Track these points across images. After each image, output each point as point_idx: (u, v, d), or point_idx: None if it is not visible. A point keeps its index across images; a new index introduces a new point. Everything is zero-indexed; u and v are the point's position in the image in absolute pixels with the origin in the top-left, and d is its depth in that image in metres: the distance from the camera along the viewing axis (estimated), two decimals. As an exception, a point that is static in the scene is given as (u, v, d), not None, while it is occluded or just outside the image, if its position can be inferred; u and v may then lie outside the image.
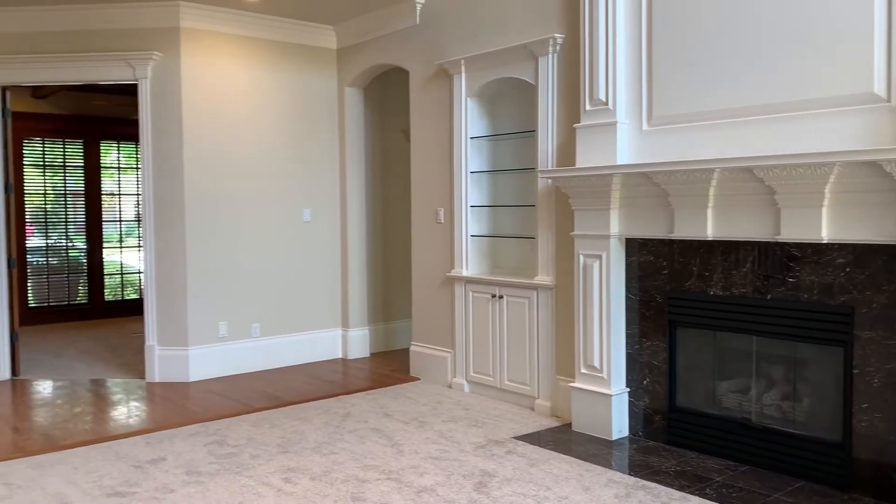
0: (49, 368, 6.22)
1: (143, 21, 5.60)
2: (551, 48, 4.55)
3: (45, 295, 8.68)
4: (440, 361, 5.48)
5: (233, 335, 5.94)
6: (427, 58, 5.54)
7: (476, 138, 5.22)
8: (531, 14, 4.74)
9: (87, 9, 5.58)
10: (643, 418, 4.19)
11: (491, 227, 5.33)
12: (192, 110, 5.68)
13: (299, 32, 6.19)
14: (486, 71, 5.02)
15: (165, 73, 5.64)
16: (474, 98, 5.19)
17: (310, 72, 6.30)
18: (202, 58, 5.72)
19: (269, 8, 5.74)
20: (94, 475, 3.67)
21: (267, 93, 6.07)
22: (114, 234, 9.18)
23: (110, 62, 5.63)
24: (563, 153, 4.56)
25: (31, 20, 5.62)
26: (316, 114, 6.37)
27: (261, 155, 6.06)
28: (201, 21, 5.68)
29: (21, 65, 5.65)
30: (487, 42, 5.04)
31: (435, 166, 5.52)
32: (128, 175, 9.27)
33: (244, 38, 5.92)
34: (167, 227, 5.69)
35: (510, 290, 4.87)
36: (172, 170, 5.66)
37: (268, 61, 6.06)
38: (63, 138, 8.76)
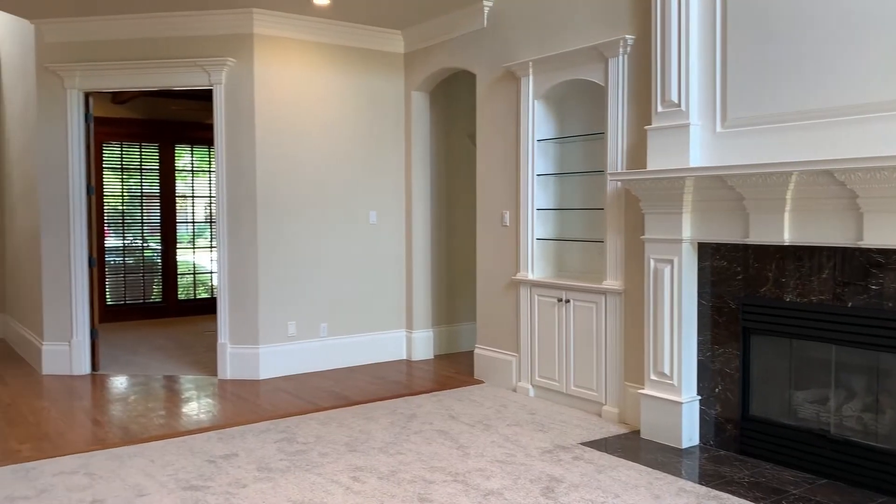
0: (126, 364, 6.45)
1: (218, 28, 5.76)
2: (621, 49, 4.50)
3: (121, 293, 9.01)
4: (505, 365, 5.47)
5: (301, 334, 6.05)
6: (494, 61, 5.54)
7: (543, 141, 5.19)
8: (600, 16, 4.69)
9: (165, 17, 5.77)
10: (714, 427, 4.09)
11: (557, 230, 5.29)
12: (264, 114, 5.82)
13: (368, 37, 6.27)
14: (554, 73, 4.99)
15: (239, 78, 5.78)
16: (541, 100, 5.16)
17: (377, 76, 6.38)
18: (274, 63, 5.85)
19: (339, 14, 5.83)
20: (170, 468, 3.78)
21: (335, 97, 6.17)
22: (185, 235, 9.46)
23: (186, 68, 5.81)
24: (634, 155, 4.50)
25: (111, 29, 5.85)
26: (383, 117, 6.44)
27: (329, 158, 6.16)
28: (273, 28, 5.81)
29: (103, 72, 5.88)
30: (555, 44, 5.01)
31: (501, 169, 5.51)
32: (200, 178, 9.55)
33: (314, 43, 6.03)
34: (240, 228, 5.83)
35: (577, 295, 4.82)
36: (245, 173, 5.81)
37: (336, 66, 6.16)
38: (140, 142, 9.07)
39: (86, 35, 5.88)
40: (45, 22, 5.87)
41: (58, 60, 5.92)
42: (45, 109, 5.97)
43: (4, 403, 5.12)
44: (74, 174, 5.95)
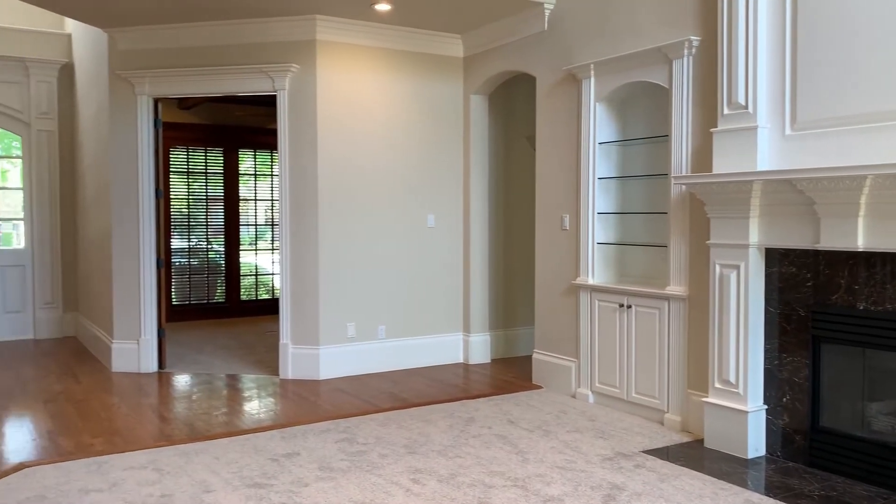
0: (191, 363, 6.62)
1: (282, 35, 5.87)
2: (686, 51, 4.42)
3: (186, 294, 9.25)
4: (564, 370, 5.42)
5: (360, 336, 6.11)
6: (554, 63, 5.51)
7: (604, 143, 5.14)
8: (664, 17, 4.62)
9: (231, 25, 5.92)
10: (782, 437, 3.97)
11: (618, 234, 5.23)
12: (326, 119, 5.90)
13: (427, 42, 6.30)
14: (616, 75, 4.93)
15: (302, 83, 5.89)
16: (603, 103, 5.11)
17: (436, 80, 6.41)
18: (335, 68, 5.93)
19: (399, 19, 5.88)
20: (234, 466, 3.87)
21: (395, 101, 6.22)
22: (248, 237, 9.67)
23: (251, 75, 5.94)
24: (699, 158, 4.41)
25: (180, 37, 6.02)
26: (441, 121, 6.46)
27: (388, 161, 6.21)
28: (335, 34, 5.89)
29: (171, 78, 6.06)
30: (617, 46, 4.95)
31: (561, 172, 5.47)
32: (261, 181, 9.74)
33: (375, 48, 6.09)
34: (301, 231, 5.93)
35: (639, 300, 4.75)
36: (307, 176, 5.90)
37: (396, 70, 6.21)
38: (205, 147, 9.31)
39: (155, 43, 6.07)
40: (118, 31, 6.08)
41: (129, 68, 6.12)
42: (116, 115, 6.19)
43: (77, 399, 5.31)
44: (144, 178, 6.14)
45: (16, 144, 7.99)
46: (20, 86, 7.88)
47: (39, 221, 7.97)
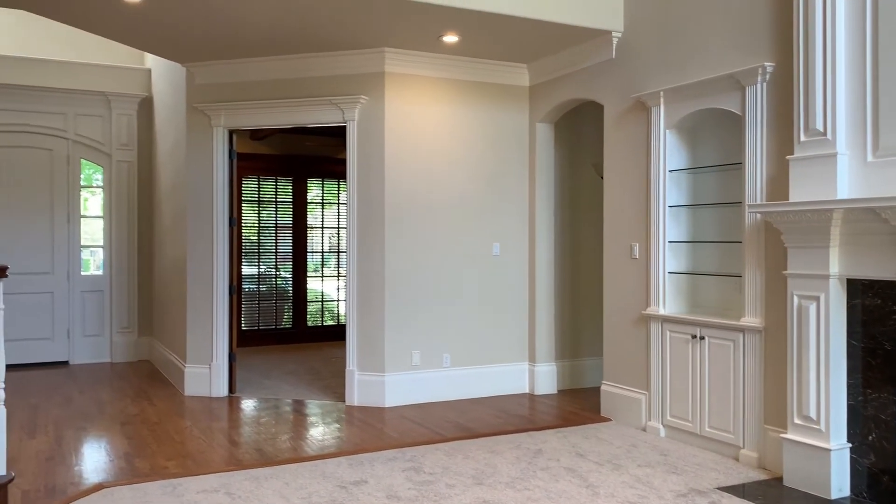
0: (259, 388, 6.73)
1: (352, 68, 6.00)
2: (760, 77, 4.33)
3: (255, 319, 9.45)
4: (633, 403, 5.30)
5: (425, 364, 6.12)
6: (622, 91, 5.48)
7: (675, 171, 5.06)
8: (735, 43, 4.54)
9: (302, 59, 6.08)
10: (868, 478, 3.79)
11: (690, 263, 5.12)
12: (393, 148, 5.99)
13: (493, 72, 6.35)
14: (686, 102, 4.86)
15: (370, 114, 6.00)
16: (673, 130, 5.04)
17: (502, 109, 6.44)
18: (403, 99, 6.03)
19: (466, 50, 5.95)
20: (304, 492, 3.89)
21: (461, 130, 6.27)
22: (313, 264, 9.83)
23: (322, 106, 6.08)
24: (774, 186, 4.30)
25: (254, 71, 6.22)
26: (507, 149, 6.48)
27: (454, 190, 6.25)
28: (403, 65, 5.99)
29: (245, 111, 6.25)
30: (687, 73, 4.89)
31: (630, 200, 5.41)
32: (328, 209, 9.92)
33: (441, 79, 6.17)
34: (368, 258, 6.00)
35: (713, 332, 4.63)
36: (374, 204, 5.98)
37: (462, 100, 6.27)
38: (275, 176, 9.55)
39: (231, 77, 6.29)
40: (196, 65, 6.32)
41: (205, 101, 6.35)
42: (193, 146, 6.41)
43: (152, 422, 5.45)
44: (218, 207, 6.33)
45: (97, 175, 8.34)
46: (103, 119, 8.25)
47: (118, 248, 8.28)
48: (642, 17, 5.30)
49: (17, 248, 7.87)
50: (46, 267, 8.02)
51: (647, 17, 5.26)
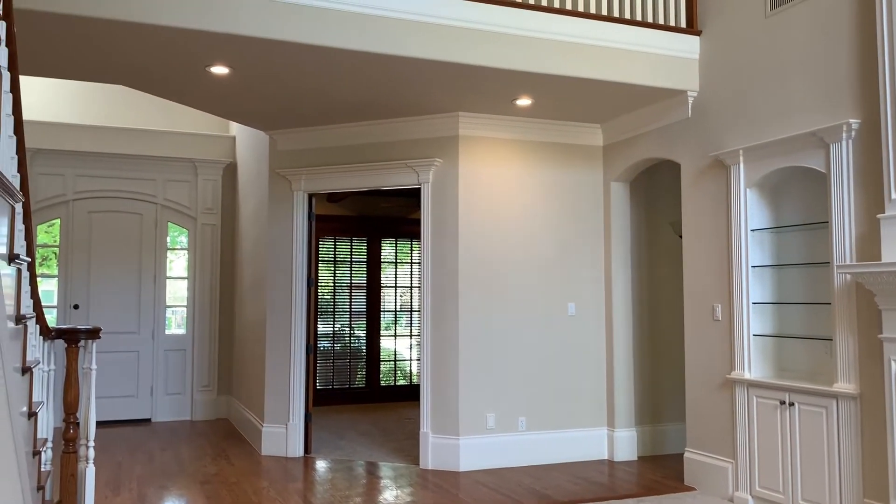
0: (334, 448, 6.74)
1: (427, 132, 6.14)
2: (845, 134, 4.21)
3: (329, 378, 9.53)
4: (719, 471, 5.07)
5: (500, 427, 6.03)
6: (699, 149, 5.41)
7: (757, 230, 4.93)
8: (816, 100, 4.45)
9: (379, 124, 6.26)
10: (984, 561, 3.49)
11: (776, 325, 4.93)
12: (467, 209, 6.05)
13: (566, 132, 6.38)
14: (766, 161, 4.76)
15: (444, 176, 6.09)
16: (754, 189, 4.93)
17: (575, 168, 6.44)
18: (476, 161, 6.10)
19: (539, 113, 6.01)
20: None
21: (534, 190, 6.29)
22: (386, 323, 9.90)
23: (397, 169, 6.22)
24: (864, 246, 4.13)
25: (333, 137, 6.42)
26: (581, 208, 6.45)
27: (528, 250, 6.24)
28: (476, 128, 6.09)
29: (324, 175, 6.45)
30: (766, 131, 4.80)
31: (710, 260, 5.28)
32: (401, 268, 10.03)
33: (514, 140, 6.23)
34: (442, 319, 6.01)
35: (803, 398, 4.42)
36: (448, 265, 6.02)
37: (535, 160, 6.30)
38: (350, 237, 9.75)
39: (311, 143, 6.51)
40: (279, 133, 6.58)
41: (287, 166, 6.58)
42: (274, 210, 6.62)
43: (231, 482, 5.51)
44: (297, 268, 6.48)
45: (182, 238, 8.69)
46: (189, 184, 8.64)
47: (200, 308, 8.55)
48: (717, 76, 5.26)
49: (107, 308, 8.22)
50: (133, 326, 8.33)
51: (722, 76, 5.22)
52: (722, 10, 5.25)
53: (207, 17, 4.19)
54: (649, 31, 5.29)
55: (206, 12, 4.19)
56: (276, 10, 4.34)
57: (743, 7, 5.06)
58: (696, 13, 5.46)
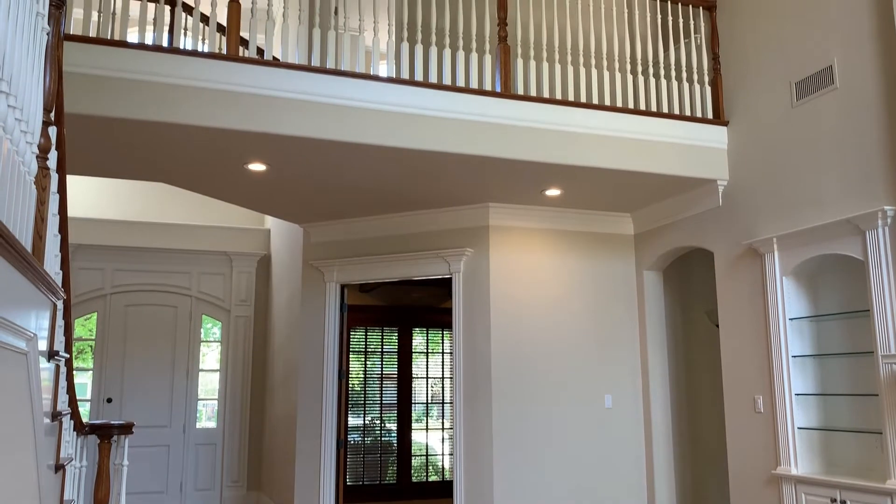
0: (365, 547, 6.53)
1: (457, 222, 6.21)
2: (881, 221, 4.17)
3: (359, 473, 9.33)
4: (769, 574, 4.80)
5: (536, 526, 5.81)
6: (732, 237, 5.38)
7: (796, 319, 4.83)
8: (849, 187, 4.43)
9: (410, 216, 6.35)
10: None
11: (821, 417, 4.76)
12: (499, 299, 6.03)
13: (596, 221, 6.41)
14: (801, 248, 4.72)
15: (475, 265, 6.11)
16: (790, 277, 4.86)
17: (607, 257, 6.43)
18: (507, 251, 6.13)
19: (569, 202, 6.06)
20: None
21: (566, 280, 6.27)
22: (417, 415, 9.75)
23: (428, 259, 6.27)
24: (909, 335, 4.02)
25: (365, 228, 6.52)
26: (614, 298, 6.40)
27: (562, 340, 6.16)
28: (507, 219, 6.15)
29: (356, 266, 6.51)
30: (801, 219, 4.78)
31: (749, 350, 5.16)
32: (432, 359, 9.95)
33: (544, 230, 6.27)
34: (475, 411, 5.90)
35: (855, 495, 4.21)
36: (480, 355, 5.96)
37: (566, 250, 6.31)
38: (381, 327, 9.74)
39: (344, 235, 6.61)
40: (312, 225, 6.70)
41: (320, 258, 6.67)
42: (307, 301, 6.67)
43: (258, 583, 5.34)
44: (328, 359, 6.47)
45: (215, 330, 8.76)
46: (224, 276, 8.77)
47: (231, 402, 8.51)
48: (747, 164, 5.29)
49: (139, 401, 8.23)
50: (164, 420, 8.30)
51: (751, 165, 5.24)
52: (748, 101, 5.33)
53: (248, 118, 4.35)
54: (676, 122, 5.36)
55: (247, 114, 4.35)
56: (313, 110, 4.49)
57: (768, 99, 5.13)
58: (722, 105, 5.55)
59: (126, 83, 4.12)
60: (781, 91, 5.01)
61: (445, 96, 4.78)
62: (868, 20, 4.38)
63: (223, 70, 4.32)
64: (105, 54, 4.10)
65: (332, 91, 4.53)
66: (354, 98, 4.58)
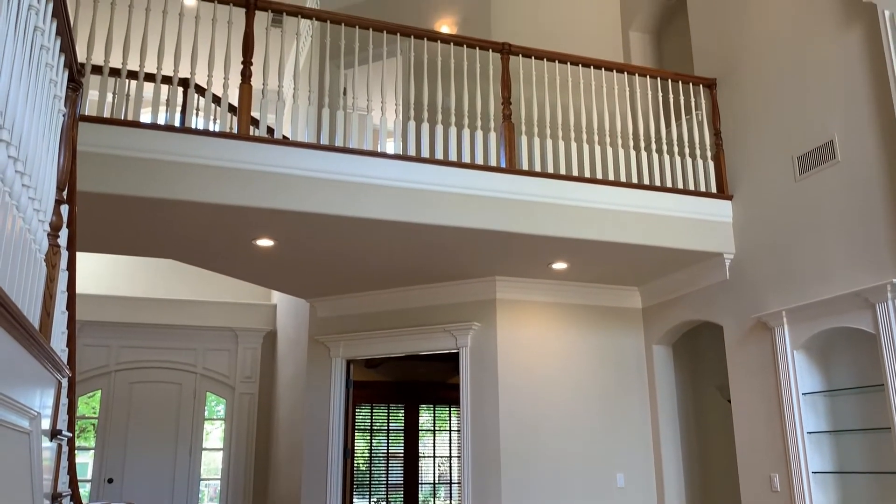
0: None
1: (464, 296, 6.20)
2: (890, 293, 4.14)
3: (365, 556, 9.04)
4: None
5: None
6: (741, 311, 5.35)
7: (809, 394, 4.74)
8: (856, 259, 4.42)
9: (416, 290, 6.35)
10: None
11: (841, 497, 4.61)
12: (507, 373, 5.96)
13: (604, 295, 6.39)
14: (811, 322, 4.67)
15: (483, 340, 6.07)
16: (801, 351, 4.80)
17: (615, 331, 6.38)
18: (514, 324, 6.09)
19: (575, 276, 6.06)
20: None
21: (575, 354, 6.21)
22: (423, 495, 9.49)
23: (435, 334, 6.23)
24: (927, 410, 3.93)
25: (371, 303, 6.51)
26: (624, 373, 6.31)
27: (572, 416, 6.05)
28: (514, 292, 6.14)
29: (362, 341, 6.47)
30: (808, 291, 4.75)
31: (762, 427, 5.06)
32: (439, 436, 9.77)
33: (552, 303, 6.24)
34: (484, 491, 5.75)
35: (880, 579, 4.04)
36: (489, 431, 5.85)
37: (574, 324, 6.27)
38: (387, 403, 9.61)
39: (350, 309, 6.60)
40: (319, 300, 6.70)
41: (325, 333, 6.63)
42: (312, 377, 6.60)
43: None
44: (333, 438, 6.35)
45: (219, 407, 8.65)
46: (229, 353, 8.72)
47: (234, 482, 8.33)
48: (752, 238, 5.30)
49: (141, 481, 8.06)
50: (166, 501, 8.11)
51: (757, 238, 5.25)
52: (751, 175, 5.38)
53: (258, 194, 4.40)
54: (681, 196, 5.41)
55: (258, 190, 4.41)
56: (321, 186, 4.55)
57: (772, 173, 5.18)
58: (725, 179, 5.60)
59: (139, 162, 4.20)
60: (784, 165, 5.07)
61: (451, 172, 4.85)
62: (866, 96, 4.46)
63: (234, 148, 4.40)
64: (118, 134, 4.19)
65: (341, 168, 4.60)
66: (362, 174, 4.64)
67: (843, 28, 4.63)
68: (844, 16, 4.62)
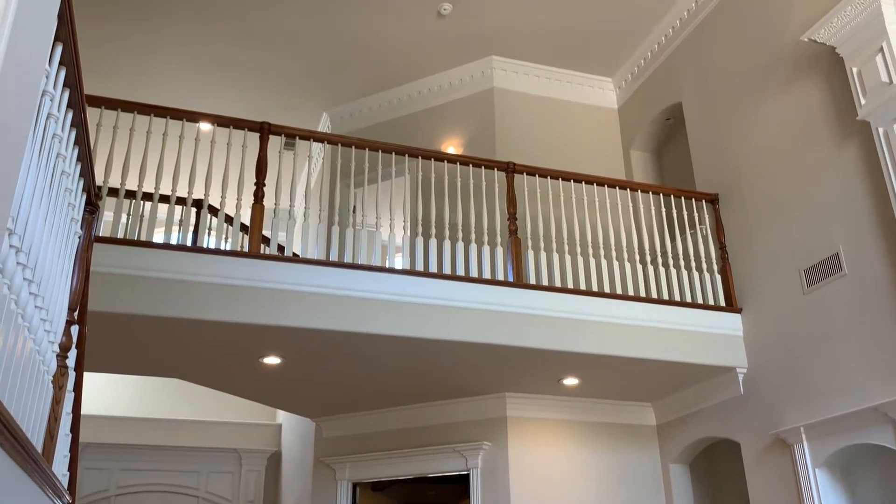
0: None
1: (473, 414, 6.06)
2: (910, 408, 4.04)
3: None
4: None
5: None
6: (758, 427, 5.20)
7: (835, 516, 4.54)
8: (873, 373, 4.34)
9: (423, 408, 6.22)
10: None
11: None
12: (519, 495, 5.74)
13: (616, 412, 6.24)
14: (832, 438, 4.54)
15: (494, 460, 5.89)
16: (823, 469, 4.64)
17: (630, 449, 6.19)
18: (526, 443, 5.93)
19: (587, 392, 5.95)
20: None
21: (589, 472, 6.00)
22: None
23: (445, 454, 6.05)
24: (961, 532, 3.75)
25: (378, 422, 6.37)
26: (640, 494, 6.07)
27: (588, 542, 5.78)
28: (524, 409, 6.01)
29: (368, 463, 6.28)
30: (826, 406, 4.63)
31: (789, 550, 4.81)
32: (451, 564, 9.30)
33: (564, 420, 6.10)
34: None
35: None
36: (502, 561, 5.57)
37: (588, 441, 6.10)
38: (395, 528, 9.21)
39: (357, 429, 6.45)
40: (325, 420, 6.56)
41: (331, 453, 6.45)
42: (317, 499, 6.37)
43: None
44: (339, 566, 6.06)
45: (222, 533, 8.31)
46: (232, 475, 8.47)
47: None
48: (764, 351, 5.23)
49: None
50: None
51: (769, 352, 5.19)
52: (759, 288, 5.37)
53: (268, 312, 4.40)
54: (689, 309, 5.39)
55: (267, 308, 4.41)
56: (330, 302, 4.56)
57: (779, 286, 5.17)
58: (733, 292, 5.59)
59: (150, 281, 4.23)
60: (792, 278, 5.07)
61: (459, 286, 4.86)
62: (867, 208, 4.51)
63: (245, 267, 4.44)
64: (131, 254, 4.25)
65: (349, 284, 4.63)
66: (371, 290, 4.66)
67: (840, 143, 4.76)
68: (840, 131, 4.75)
